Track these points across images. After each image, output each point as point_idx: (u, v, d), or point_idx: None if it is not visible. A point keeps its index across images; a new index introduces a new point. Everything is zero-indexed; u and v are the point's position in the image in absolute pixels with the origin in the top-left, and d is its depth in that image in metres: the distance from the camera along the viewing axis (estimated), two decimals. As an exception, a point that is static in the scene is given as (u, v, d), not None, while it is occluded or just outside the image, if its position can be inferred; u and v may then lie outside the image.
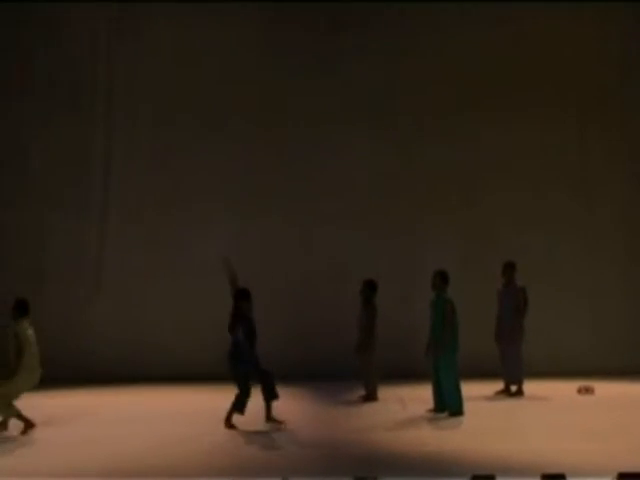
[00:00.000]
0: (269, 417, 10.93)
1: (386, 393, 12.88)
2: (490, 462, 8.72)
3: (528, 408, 12.25)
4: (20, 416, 10.48)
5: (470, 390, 12.01)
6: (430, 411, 11.70)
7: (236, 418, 10.77)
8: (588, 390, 13.24)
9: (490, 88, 15.54)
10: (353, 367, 12.97)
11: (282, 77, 15.50)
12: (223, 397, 11.08)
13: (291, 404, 12.58)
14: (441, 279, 11.70)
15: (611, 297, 15.41)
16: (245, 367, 10.79)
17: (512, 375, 13.11)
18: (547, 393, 13.11)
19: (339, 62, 15.53)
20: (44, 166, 15.62)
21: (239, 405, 10.76)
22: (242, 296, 10.90)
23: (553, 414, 11.65)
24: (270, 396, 10.89)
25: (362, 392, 12.88)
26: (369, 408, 12.40)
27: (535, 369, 13.63)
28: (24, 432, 10.46)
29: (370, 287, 12.82)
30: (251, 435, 10.53)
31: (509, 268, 13.22)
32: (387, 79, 15.54)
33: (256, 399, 10.89)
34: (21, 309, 10.65)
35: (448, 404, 11.54)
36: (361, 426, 11.03)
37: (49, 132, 15.62)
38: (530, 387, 13.11)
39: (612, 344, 15.20)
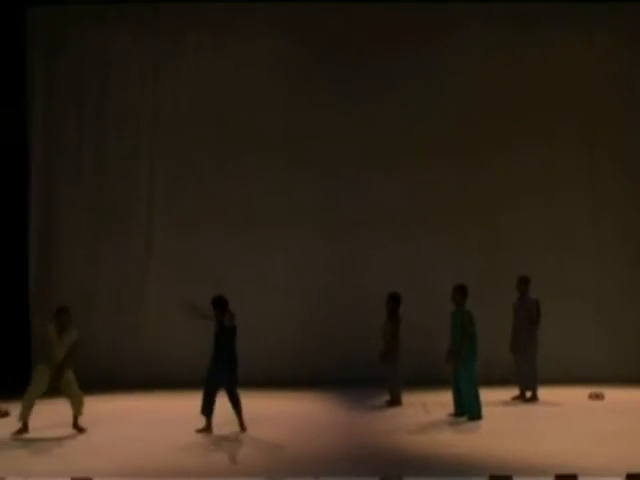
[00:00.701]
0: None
1: (410, 398, 12.99)
2: (507, 463, 8.85)
3: (542, 413, 12.31)
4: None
5: (488, 396, 12.15)
6: (451, 415, 11.82)
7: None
8: (598, 396, 13.30)
9: (505, 113, 15.59)
10: (379, 374, 13.13)
11: (311, 108, 15.66)
12: (251, 401, 11.32)
13: (322, 408, 12.91)
14: (461, 293, 11.93)
15: (618, 309, 15.33)
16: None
17: (527, 382, 13.21)
18: (560, 399, 13.16)
19: (364, 95, 15.64)
20: (96, 190, 15.83)
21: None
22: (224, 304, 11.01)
23: (566, 418, 11.74)
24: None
25: (387, 397, 13.01)
26: (394, 412, 12.49)
27: (548, 376, 13.59)
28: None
29: (394, 300, 13.02)
30: (282, 437, 10.67)
31: (523, 282, 13.38)
32: (408, 107, 15.62)
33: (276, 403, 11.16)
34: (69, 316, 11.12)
35: (468, 408, 11.69)
36: (386, 429, 11.18)
37: (100, 160, 15.85)
38: (544, 393, 13.18)
39: (621, 353, 15.13)
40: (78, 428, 11.04)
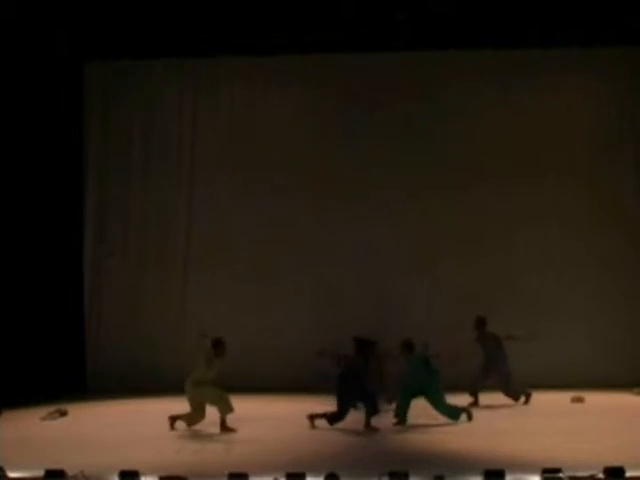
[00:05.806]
0: (367, 425, 11.16)
1: (415, 402, 12.36)
2: (500, 459, 8.80)
3: (531, 415, 12.26)
4: None
5: (483, 400, 12.24)
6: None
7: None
8: (579, 399, 13.29)
9: (508, 155, 15.53)
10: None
11: (330, 148, 15.66)
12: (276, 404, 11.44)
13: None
14: (406, 347, 11.56)
15: (598, 321, 15.23)
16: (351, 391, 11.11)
17: (516, 391, 13.06)
18: (545, 402, 13.10)
19: (370, 134, 15.64)
20: (141, 219, 15.98)
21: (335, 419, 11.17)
22: (369, 346, 11.28)
23: (551, 419, 11.68)
24: (369, 412, 11.17)
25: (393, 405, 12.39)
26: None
27: (536, 382, 13.56)
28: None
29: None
30: (302, 435, 10.75)
31: (481, 321, 13.16)
32: (417, 143, 15.64)
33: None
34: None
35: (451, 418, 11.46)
36: (393, 429, 11.18)
37: (145, 194, 16.03)
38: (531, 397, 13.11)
39: (600, 360, 14.94)
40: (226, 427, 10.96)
